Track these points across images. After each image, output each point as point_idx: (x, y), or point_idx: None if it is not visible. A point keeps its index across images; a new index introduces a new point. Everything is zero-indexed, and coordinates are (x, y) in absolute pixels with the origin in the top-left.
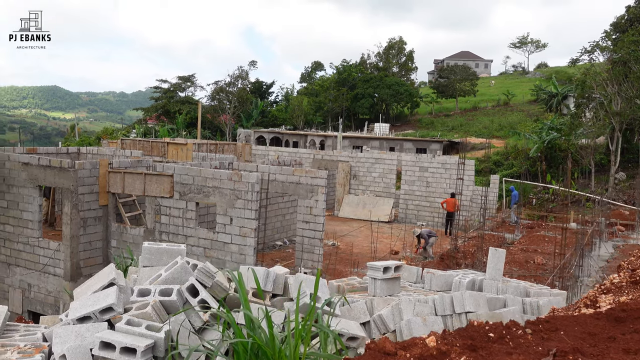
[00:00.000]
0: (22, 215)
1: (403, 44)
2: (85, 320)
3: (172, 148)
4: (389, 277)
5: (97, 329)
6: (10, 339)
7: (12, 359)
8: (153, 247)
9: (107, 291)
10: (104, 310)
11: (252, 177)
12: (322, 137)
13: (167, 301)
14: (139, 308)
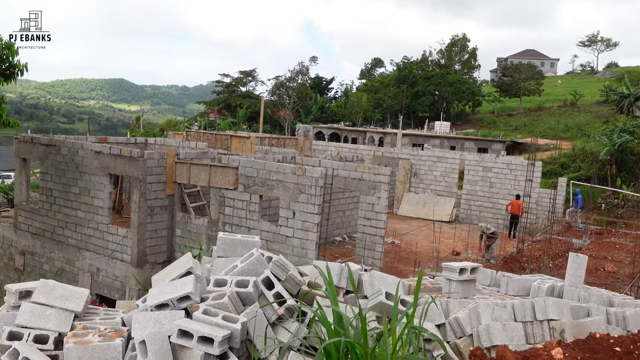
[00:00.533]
0: (93, 201)
1: (466, 40)
2: (163, 307)
3: (236, 141)
4: (465, 278)
5: (174, 317)
6: (91, 321)
7: (94, 341)
8: (228, 238)
9: (184, 280)
10: (182, 298)
11: (316, 172)
12: (381, 134)
13: (243, 292)
14: (216, 298)
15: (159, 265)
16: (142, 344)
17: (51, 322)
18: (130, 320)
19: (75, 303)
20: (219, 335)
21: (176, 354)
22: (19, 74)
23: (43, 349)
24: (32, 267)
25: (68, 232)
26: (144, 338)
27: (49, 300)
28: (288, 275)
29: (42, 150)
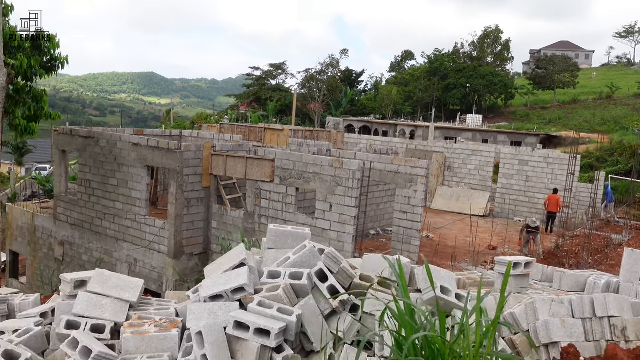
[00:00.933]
0: (131, 193)
1: (499, 32)
2: (217, 298)
3: (269, 133)
4: (518, 273)
5: (229, 308)
6: (146, 312)
7: (150, 332)
8: (279, 229)
9: (238, 271)
10: (236, 290)
11: (354, 165)
12: (413, 127)
13: (297, 285)
14: (270, 290)
15: (195, 257)
16: (198, 335)
17: (107, 312)
18: (184, 311)
19: (131, 293)
20: (276, 327)
21: (232, 345)
22: (59, 67)
23: (100, 339)
24: (71, 258)
25: (106, 223)
26: (201, 329)
27: (104, 290)
28: (340, 268)
29: (81, 142)
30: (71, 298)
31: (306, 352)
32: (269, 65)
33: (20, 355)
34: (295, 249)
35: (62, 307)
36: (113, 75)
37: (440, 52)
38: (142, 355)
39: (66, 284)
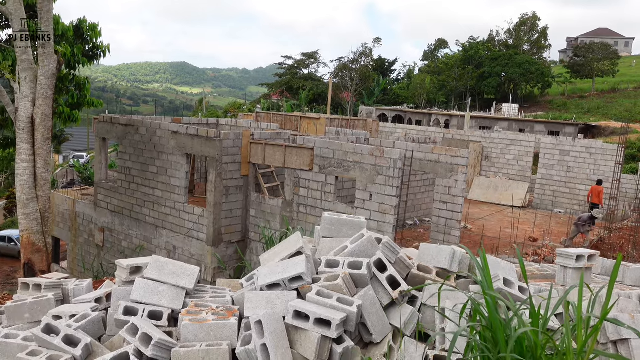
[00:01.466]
0: (170, 181)
1: (536, 19)
2: (274, 287)
3: (305, 122)
4: (581, 266)
5: (287, 297)
6: (202, 299)
7: (209, 320)
8: (334, 217)
9: (295, 260)
10: (293, 278)
11: (395, 153)
12: (447, 117)
13: (357, 274)
14: (328, 279)
15: (234, 244)
16: (258, 324)
17: (164, 299)
18: (240, 299)
19: (187, 280)
20: (337, 317)
21: (290, 335)
22: (101, 55)
23: (158, 325)
24: (111, 244)
25: (145, 211)
26: (260, 318)
27: (161, 277)
28: (397, 257)
29: (121, 130)
30: (127, 284)
31: (364, 344)
32: (301, 54)
33: (80, 340)
34: (352, 237)
35: (118, 293)
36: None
37: (475, 40)
38: (200, 343)
39: (122, 270)
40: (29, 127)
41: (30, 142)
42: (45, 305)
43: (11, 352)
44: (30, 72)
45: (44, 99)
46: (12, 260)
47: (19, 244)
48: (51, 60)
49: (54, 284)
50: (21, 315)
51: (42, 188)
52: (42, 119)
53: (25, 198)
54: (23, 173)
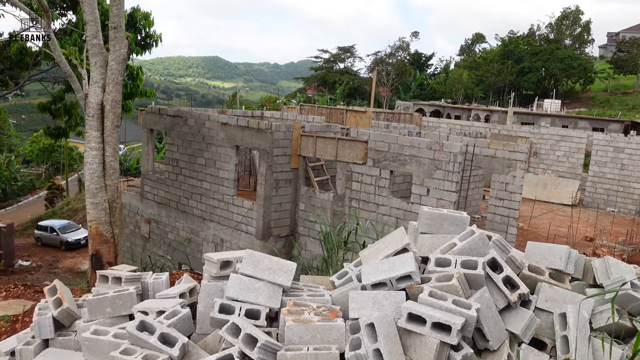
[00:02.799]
0: (219, 173)
1: (579, 13)
2: (379, 286)
3: (351, 115)
4: None
5: (395, 298)
6: (299, 298)
7: (314, 321)
8: (434, 212)
9: (402, 257)
10: (401, 278)
11: (455, 147)
12: (488, 112)
13: (472, 275)
14: (440, 279)
15: (282, 238)
16: (369, 327)
17: (261, 296)
18: (340, 298)
19: (284, 277)
20: (458, 322)
21: (402, 339)
22: (154, 44)
23: (257, 325)
24: (157, 235)
25: (193, 203)
26: (373, 321)
27: (256, 273)
28: (508, 257)
29: (169, 121)
30: (218, 279)
31: (478, 351)
32: (337, 48)
33: (175, 339)
34: (459, 235)
35: (209, 289)
36: (179, 59)
37: (514, 34)
38: (306, 345)
39: (211, 265)
40: (98, 113)
41: (99, 129)
42: (127, 300)
43: (101, 350)
44: (100, 57)
45: (114, 84)
46: (54, 250)
47: (60, 234)
48: (122, 45)
49: (133, 277)
50: (103, 309)
51: (111, 177)
52: (112, 105)
53: (94, 187)
54: (92, 161)
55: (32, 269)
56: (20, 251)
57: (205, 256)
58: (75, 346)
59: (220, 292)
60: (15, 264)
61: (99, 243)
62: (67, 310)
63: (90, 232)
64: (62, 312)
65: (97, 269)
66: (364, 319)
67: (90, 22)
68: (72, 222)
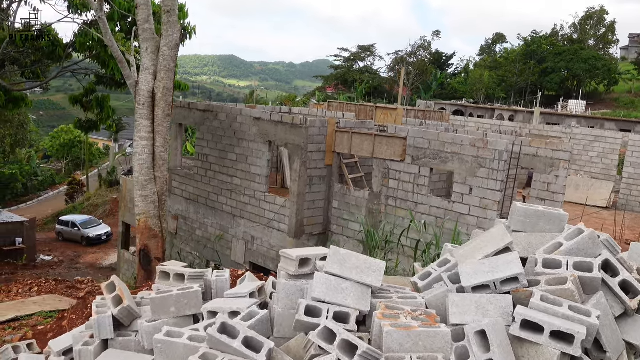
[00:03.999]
0: (250, 169)
1: (604, 13)
2: (478, 289)
3: (381, 112)
4: None
5: (501, 302)
6: (389, 300)
7: (415, 326)
8: (529, 209)
9: (507, 257)
10: (507, 280)
11: (500, 144)
12: (511, 112)
13: (587, 278)
14: (550, 283)
15: (315, 237)
16: (478, 335)
17: (349, 298)
18: (434, 301)
19: (373, 277)
20: (582, 331)
21: (513, 349)
22: (188, 37)
23: (348, 330)
24: (185, 232)
25: (223, 199)
26: (484, 328)
27: (343, 272)
28: (617, 258)
29: (198, 116)
30: (295, 278)
31: None
32: (357, 46)
33: (261, 344)
34: (563, 233)
35: (287, 289)
36: (195, 57)
37: (537, 34)
38: (408, 354)
39: (289, 262)
40: (149, 102)
41: (150, 118)
42: (193, 298)
43: (176, 354)
44: (152, 42)
45: (166, 71)
46: (75, 245)
47: (82, 229)
48: (175, 30)
49: (197, 274)
50: (167, 308)
51: (160, 169)
52: (163, 93)
53: (144, 179)
54: (142, 152)
55: (54, 264)
56: (42, 246)
57: (281, 252)
58: (137, 347)
59: (300, 292)
60: (37, 258)
61: (148, 238)
62: (127, 308)
63: (139, 226)
64: (122, 310)
65: (145, 265)
66: (472, 325)
67: (141, 5)
68: (93, 218)
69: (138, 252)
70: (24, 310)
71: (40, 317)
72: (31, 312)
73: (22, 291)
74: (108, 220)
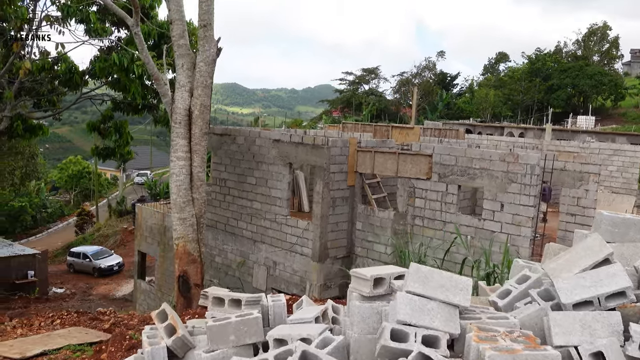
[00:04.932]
0: (270, 192)
1: (607, 29)
2: (579, 306)
3: (397, 132)
4: None
5: (608, 320)
6: (479, 321)
7: (518, 350)
8: (617, 217)
9: (610, 270)
10: (612, 295)
11: (532, 159)
12: (521, 130)
13: None
14: None
15: (339, 260)
16: (593, 357)
17: (437, 320)
18: (528, 321)
19: (460, 296)
20: None
21: None
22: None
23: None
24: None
25: (242, 224)
26: (601, 349)
27: (426, 291)
28: None
29: (215, 140)
30: (370, 300)
31: None
32: (361, 69)
33: None
34: None
35: (362, 311)
36: None
37: (541, 51)
38: None
39: (362, 282)
40: (185, 120)
41: (186, 137)
42: (253, 325)
43: None
44: (187, 58)
45: (203, 88)
46: (87, 277)
47: (93, 260)
48: (211, 45)
49: (253, 299)
50: (226, 337)
51: (198, 190)
52: (200, 110)
53: (182, 201)
54: (179, 172)
55: (67, 296)
56: (53, 278)
57: (353, 272)
58: None
59: (377, 314)
60: (50, 291)
61: (187, 263)
62: (182, 338)
63: (177, 251)
64: (177, 340)
65: (184, 291)
66: (585, 347)
67: (176, 20)
68: (104, 248)
69: (177, 278)
70: (50, 344)
71: (68, 350)
72: (59, 346)
73: (45, 324)
74: (119, 250)
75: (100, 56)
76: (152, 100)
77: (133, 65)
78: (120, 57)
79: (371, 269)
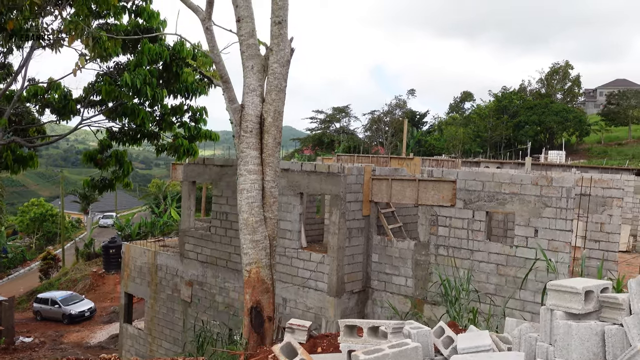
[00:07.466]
0: (280, 224)
1: (569, 68)
2: None
3: (396, 163)
4: None
5: None
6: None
7: None
8: None
9: None
10: None
11: (567, 181)
12: (498, 164)
13: None
14: None
15: (355, 294)
16: None
17: None
18: None
19: None
20: None
21: None
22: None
23: None
24: (200, 299)
25: None
26: None
27: None
28: None
29: (215, 171)
30: (582, 318)
31: None
32: (332, 108)
33: None
34: None
35: (580, 333)
36: None
37: (507, 90)
38: None
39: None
40: (257, 128)
41: (258, 148)
42: (413, 357)
43: None
44: (257, 59)
45: (277, 92)
46: (55, 324)
47: (63, 307)
48: (286, 44)
49: (398, 326)
50: None
51: (271, 208)
52: (274, 117)
53: (254, 220)
54: (251, 188)
55: (35, 346)
56: (19, 327)
57: (551, 284)
58: None
59: (598, 336)
60: (17, 340)
61: (261, 292)
62: None
63: (250, 279)
64: None
65: (257, 326)
66: None
67: (245, 18)
68: (74, 293)
69: (248, 310)
70: None
71: None
72: None
73: None
74: (90, 295)
75: (106, 79)
76: (154, 128)
77: (146, 87)
78: (132, 78)
79: (570, 280)
